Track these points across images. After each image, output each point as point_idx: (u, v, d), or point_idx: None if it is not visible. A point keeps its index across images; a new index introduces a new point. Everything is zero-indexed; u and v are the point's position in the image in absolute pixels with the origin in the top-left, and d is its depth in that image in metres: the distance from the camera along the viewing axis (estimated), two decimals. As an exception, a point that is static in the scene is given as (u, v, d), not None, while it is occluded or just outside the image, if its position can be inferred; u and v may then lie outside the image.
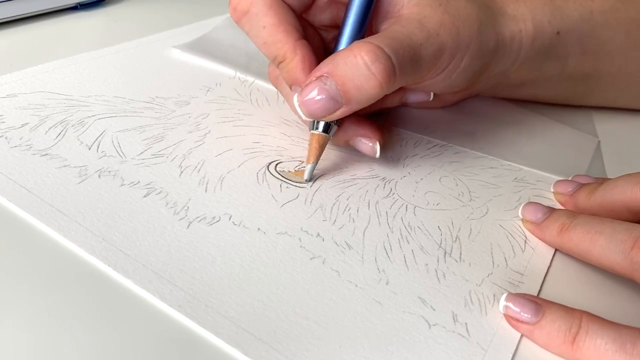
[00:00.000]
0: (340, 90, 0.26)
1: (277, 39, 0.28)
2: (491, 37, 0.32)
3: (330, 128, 0.29)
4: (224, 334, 0.20)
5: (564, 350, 0.20)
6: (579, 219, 0.25)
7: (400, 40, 0.27)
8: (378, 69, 0.26)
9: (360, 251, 0.25)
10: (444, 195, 0.29)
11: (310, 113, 0.27)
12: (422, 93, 0.34)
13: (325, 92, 0.27)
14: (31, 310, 0.20)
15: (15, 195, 0.26)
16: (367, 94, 0.27)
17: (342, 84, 0.26)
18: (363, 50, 0.26)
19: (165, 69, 0.40)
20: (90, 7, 0.52)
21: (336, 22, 0.32)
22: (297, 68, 0.28)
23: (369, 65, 0.26)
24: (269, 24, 0.28)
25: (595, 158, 0.35)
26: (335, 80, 0.26)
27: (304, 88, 0.27)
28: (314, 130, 0.29)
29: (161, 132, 0.32)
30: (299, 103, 0.27)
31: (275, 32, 0.28)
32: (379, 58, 0.26)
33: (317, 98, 0.27)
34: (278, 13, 0.28)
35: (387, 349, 0.20)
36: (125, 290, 0.22)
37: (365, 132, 0.30)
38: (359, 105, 0.27)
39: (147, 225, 0.25)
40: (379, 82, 0.26)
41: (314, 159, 0.29)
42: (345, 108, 0.27)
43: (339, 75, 0.26)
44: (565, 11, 0.34)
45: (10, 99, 0.34)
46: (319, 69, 0.27)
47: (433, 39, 0.29)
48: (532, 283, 0.24)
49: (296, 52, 0.28)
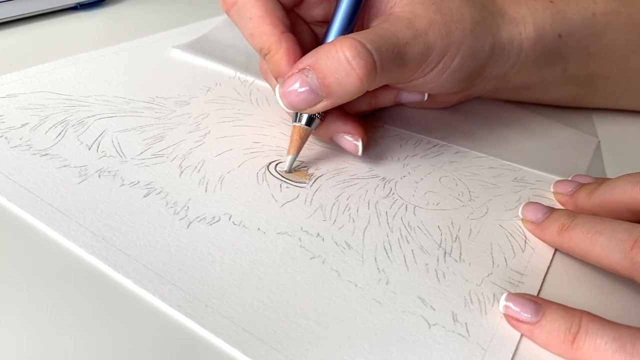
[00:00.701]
0: (321, 83, 0.27)
1: (263, 30, 0.29)
2: (487, 39, 0.32)
3: (312, 121, 0.29)
4: (224, 334, 0.20)
5: (564, 350, 0.20)
6: (579, 219, 0.25)
7: (385, 37, 0.28)
8: (359, 64, 0.26)
9: (360, 251, 0.25)
10: (444, 195, 0.29)
11: (291, 105, 0.28)
12: (416, 93, 0.34)
13: (307, 84, 0.27)
14: (31, 310, 0.20)
15: (15, 195, 0.26)
16: (347, 89, 0.27)
17: (323, 77, 0.26)
18: (345, 45, 0.26)
19: (165, 69, 0.40)
20: (90, 7, 0.52)
21: (328, 17, 0.32)
22: (282, 60, 0.28)
23: (350, 60, 0.26)
24: (256, 15, 0.29)
25: (595, 158, 0.35)
26: (316, 73, 0.27)
27: (286, 80, 0.27)
28: (297, 122, 0.29)
29: (161, 132, 0.32)
30: (280, 94, 0.28)
31: (261, 23, 0.29)
32: (360, 54, 0.26)
33: (299, 90, 0.27)
34: (265, 5, 0.29)
35: (387, 349, 0.20)
36: (125, 290, 0.22)
37: (348, 129, 0.30)
38: (341, 100, 0.27)
39: (147, 225, 0.25)
40: (359, 77, 0.26)
41: (295, 151, 0.29)
42: (326, 102, 0.27)
43: (321, 68, 0.27)
44: (567, 14, 0.34)
45: (10, 99, 0.34)
46: (301, 61, 0.27)
47: (421, 37, 0.29)
48: (532, 283, 0.24)
49: (281, 45, 0.28)
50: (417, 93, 0.34)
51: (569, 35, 0.34)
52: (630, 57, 0.37)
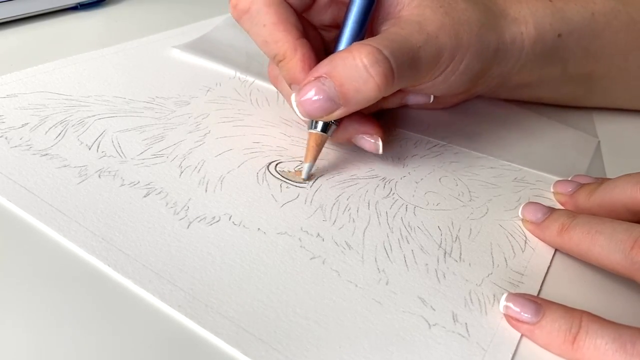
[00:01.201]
0: (338, 91, 0.26)
1: (277, 37, 0.28)
2: (492, 40, 0.32)
3: (328, 127, 0.29)
4: (224, 334, 0.20)
5: (564, 350, 0.20)
6: (579, 219, 0.25)
7: (399, 42, 0.27)
8: (377, 71, 0.26)
9: (360, 251, 0.25)
10: (444, 195, 0.29)
11: (307, 113, 0.27)
12: (422, 95, 0.34)
13: (324, 92, 0.26)
14: (31, 310, 0.20)
15: (15, 195, 0.26)
16: (365, 96, 0.27)
17: (341, 85, 0.26)
18: (362, 53, 0.26)
19: (165, 69, 0.40)
20: (90, 7, 0.52)
21: (337, 22, 0.32)
22: (297, 67, 0.28)
23: (368, 68, 0.26)
24: (269, 22, 0.28)
25: (595, 158, 0.35)
26: (333, 81, 0.26)
27: (302, 88, 0.27)
28: (312, 129, 0.29)
29: (161, 132, 0.32)
30: (296, 103, 0.27)
31: (275, 30, 0.28)
32: (378, 61, 0.26)
33: (315, 98, 0.27)
34: (278, 11, 0.28)
35: (387, 349, 0.20)
36: (125, 290, 0.22)
37: (366, 129, 0.30)
38: (357, 107, 0.27)
39: (147, 225, 0.25)
40: (377, 84, 0.26)
41: (312, 159, 0.29)
42: (343, 109, 0.27)
43: (338, 76, 0.26)
44: (566, 13, 0.34)
45: (10, 99, 0.34)
46: (317, 69, 0.27)
47: (432, 41, 0.29)
48: (532, 283, 0.24)
49: (296, 51, 0.28)
50: (423, 95, 0.34)
51: (568, 34, 0.34)
52: (630, 57, 0.37)
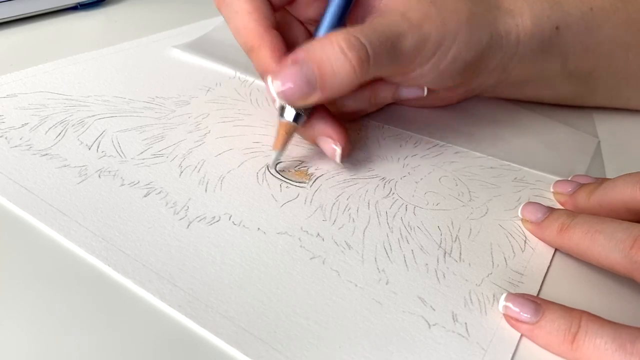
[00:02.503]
0: (316, 73, 0.26)
1: (249, 26, 0.29)
2: (483, 30, 0.32)
3: (299, 118, 0.29)
4: (224, 334, 0.20)
5: (563, 350, 0.21)
6: (579, 219, 0.25)
7: (378, 30, 0.28)
8: (353, 55, 0.26)
9: (360, 251, 0.25)
10: (444, 195, 0.29)
11: (284, 96, 0.27)
12: (415, 88, 0.34)
13: (301, 75, 0.26)
14: (31, 310, 0.20)
15: (15, 195, 0.26)
16: (341, 79, 0.27)
17: (319, 67, 0.26)
18: (339, 37, 0.27)
19: (165, 69, 0.40)
20: (90, 7, 0.52)
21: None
22: (267, 56, 0.28)
23: (345, 50, 0.26)
24: (242, 10, 0.29)
25: (595, 158, 0.35)
26: (311, 63, 0.27)
27: (280, 71, 0.27)
28: (282, 118, 0.29)
29: (161, 132, 0.32)
30: (274, 87, 0.27)
31: (247, 19, 0.29)
32: (354, 45, 0.26)
33: (292, 80, 0.27)
34: (253, 1, 0.29)
35: (387, 349, 0.20)
36: (125, 290, 0.22)
37: (330, 133, 0.30)
38: (332, 92, 0.27)
39: (147, 225, 0.25)
40: (353, 67, 0.26)
41: (281, 147, 0.29)
42: (319, 94, 0.27)
43: (316, 58, 0.27)
44: (564, 7, 0.34)
45: (10, 99, 0.34)
46: (294, 53, 0.27)
47: (414, 30, 0.29)
48: (532, 283, 0.24)
49: (265, 40, 0.28)
50: (416, 88, 0.34)
51: (566, 28, 0.34)
52: (630, 54, 0.37)
